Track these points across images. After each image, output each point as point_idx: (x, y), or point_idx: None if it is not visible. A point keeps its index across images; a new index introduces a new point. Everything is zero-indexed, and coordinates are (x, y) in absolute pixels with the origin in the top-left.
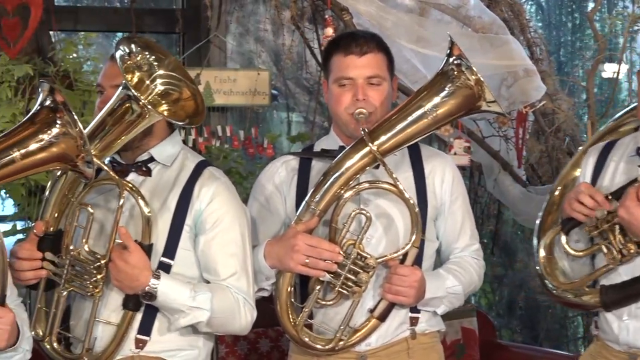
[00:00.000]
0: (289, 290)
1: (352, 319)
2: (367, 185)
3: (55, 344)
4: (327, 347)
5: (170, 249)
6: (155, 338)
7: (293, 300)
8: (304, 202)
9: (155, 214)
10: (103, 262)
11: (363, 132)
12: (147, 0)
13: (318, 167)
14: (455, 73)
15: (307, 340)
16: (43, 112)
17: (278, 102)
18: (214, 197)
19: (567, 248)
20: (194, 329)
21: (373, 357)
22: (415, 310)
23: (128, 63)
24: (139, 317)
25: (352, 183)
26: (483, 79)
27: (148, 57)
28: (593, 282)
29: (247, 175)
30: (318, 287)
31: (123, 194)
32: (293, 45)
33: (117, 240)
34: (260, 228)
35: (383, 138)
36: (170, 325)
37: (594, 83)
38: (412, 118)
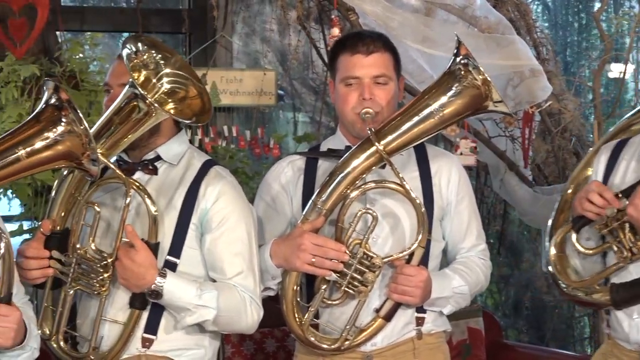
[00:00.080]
0: (295, 290)
1: (358, 319)
2: (373, 185)
3: (62, 343)
4: (333, 346)
5: (176, 248)
6: (162, 337)
7: (299, 300)
8: (310, 201)
9: (162, 213)
10: (110, 260)
11: (369, 131)
12: (153, 1)
13: (324, 166)
14: (463, 73)
15: (313, 340)
16: (48, 110)
17: (284, 102)
18: (220, 195)
19: (577, 246)
20: (201, 328)
21: (379, 357)
22: (422, 310)
23: (135, 62)
24: (145, 316)
25: (358, 183)
26: (490, 79)
27: (154, 55)
28: (604, 280)
29: (253, 175)
30: (324, 286)
31: (130, 193)
32: (299, 46)
33: (123, 239)
34: (267, 228)
35: (389, 138)
36: (177, 324)
37: (600, 83)
38: (418, 118)
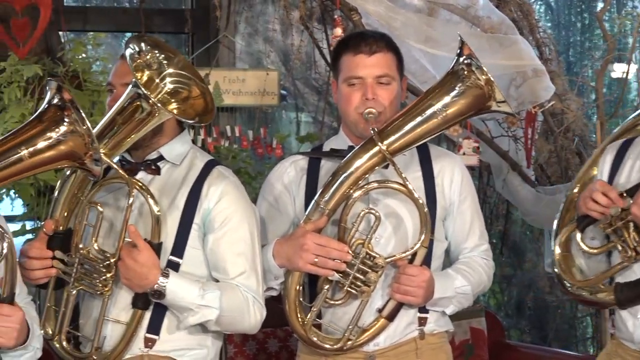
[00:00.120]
0: (298, 290)
1: (360, 319)
2: (376, 185)
3: (65, 343)
4: (335, 346)
5: (179, 248)
6: (164, 337)
7: (302, 300)
8: (313, 201)
9: (164, 213)
10: (112, 260)
11: (372, 131)
12: (156, 1)
13: (327, 166)
14: (466, 73)
15: (315, 340)
16: (51, 110)
17: (287, 102)
18: (223, 195)
19: (582, 245)
20: (203, 328)
21: (381, 357)
22: (424, 311)
23: (138, 61)
24: (148, 316)
25: (361, 183)
26: (493, 79)
27: (157, 55)
28: (609, 279)
29: (255, 175)
30: (327, 286)
31: (132, 193)
32: (302, 46)
33: (126, 239)
34: (269, 227)
35: (392, 138)
36: (180, 324)
37: (603, 83)
38: (421, 118)
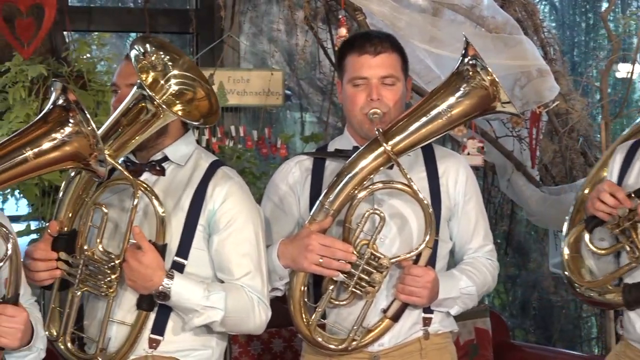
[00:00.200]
0: (303, 290)
1: (365, 319)
2: (381, 186)
3: (69, 344)
4: (340, 347)
5: (184, 249)
6: (169, 338)
7: (306, 300)
8: (318, 202)
9: (169, 214)
10: (117, 262)
11: (377, 132)
12: (160, 1)
13: (332, 167)
14: (471, 73)
15: (320, 340)
16: (56, 111)
17: (291, 102)
18: (228, 196)
19: (590, 246)
20: (208, 329)
21: (386, 357)
22: (429, 311)
23: (143, 63)
24: (153, 317)
25: (366, 183)
26: (498, 80)
27: (162, 57)
28: (618, 280)
29: (260, 175)
30: (331, 287)
31: (137, 194)
32: (306, 46)
33: (131, 240)
34: (274, 228)
35: (397, 138)
36: (184, 325)
37: (608, 83)
38: (426, 118)
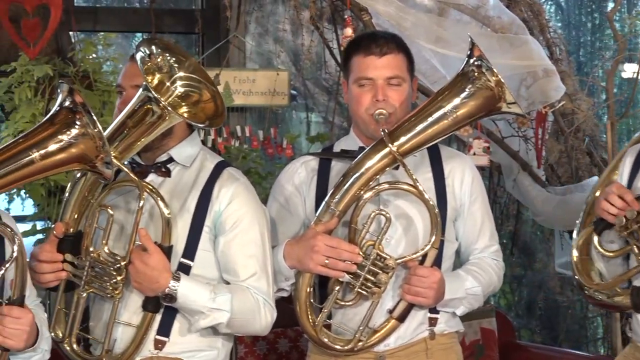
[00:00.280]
0: (308, 291)
1: (371, 320)
2: (386, 186)
3: (75, 345)
4: (346, 347)
5: (190, 250)
6: (175, 339)
7: (312, 301)
8: (324, 202)
9: (175, 215)
10: (123, 263)
11: (383, 132)
12: (166, 1)
13: (338, 167)
14: (476, 74)
15: (326, 341)
16: (62, 112)
17: (297, 102)
18: (234, 198)
19: (599, 249)
20: (214, 330)
21: (392, 357)
22: (434, 311)
23: (148, 65)
24: (159, 318)
25: (371, 184)
26: (503, 80)
27: (168, 58)
28: (628, 283)
29: (266, 176)
30: (337, 287)
31: (143, 196)
32: (312, 46)
33: (136, 242)
34: (280, 228)
35: (403, 139)
36: (190, 327)
37: (614, 83)
38: (432, 119)
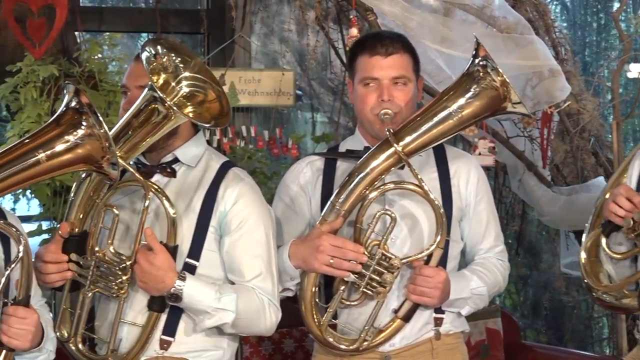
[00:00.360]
0: (314, 291)
1: (376, 320)
2: (392, 186)
3: (80, 345)
4: (351, 347)
5: (196, 250)
6: (180, 339)
7: (317, 301)
8: (329, 202)
9: (181, 215)
10: (128, 263)
11: (388, 132)
12: (172, 1)
13: (343, 167)
14: (481, 74)
15: (331, 341)
16: (68, 113)
17: (302, 102)
18: (239, 198)
19: (607, 251)
20: (219, 330)
21: (397, 357)
22: (440, 311)
23: (154, 65)
24: (164, 318)
25: (377, 184)
26: (509, 80)
27: (174, 59)
28: (636, 285)
29: (271, 176)
30: (342, 287)
31: (148, 195)
32: (317, 46)
33: (142, 242)
34: (285, 228)
35: (408, 139)
36: (196, 326)
37: (619, 83)
38: (437, 119)
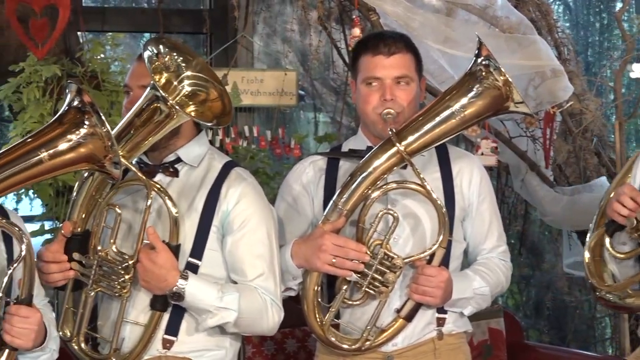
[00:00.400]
0: (316, 290)
1: (378, 319)
2: (394, 186)
3: (83, 344)
4: (353, 347)
5: (198, 250)
6: (183, 338)
7: (320, 300)
8: (331, 202)
9: (183, 215)
10: (131, 262)
11: (390, 132)
12: (174, 1)
13: (346, 167)
14: (484, 74)
15: (333, 340)
16: (71, 112)
17: (305, 102)
18: (241, 198)
19: (610, 250)
20: (222, 330)
21: (399, 357)
22: (442, 311)
23: (156, 64)
24: (167, 317)
25: (379, 183)
26: (511, 80)
27: (176, 58)
28: (639, 285)
29: (274, 176)
30: (345, 287)
31: (151, 194)
32: (320, 46)
33: (144, 241)
34: (288, 228)
35: (410, 138)
36: (198, 326)
37: (622, 83)
38: (439, 118)
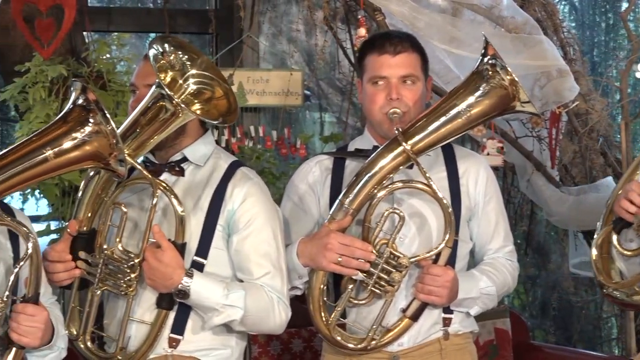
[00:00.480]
0: (322, 289)
1: (384, 319)
2: (400, 185)
3: (89, 343)
4: (359, 346)
5: (204, 249)
6: (189, 337)
7: (326, 300)
8: (337, 201)
9: (189, 214)
10: (137, 261)
11: (397, 131)
12: (180, 1)
13: (352, 166)
14: (490, 73)
15: (339, 339)
16: (76, 110)
17: (311, 102)
18: (247, 197)
19: (618, 247)
20: (227, 328)
21: (405, 357)
22: (448, 311)
23: (161, 62)
24: (173, 316)
25: (385, 182)
26: (517, 79)
27: (181, 56)
28: None
29: (279, 176)
30: (351, 286)
31: (157, 193)
32: (326, 46)
33: (150, 239)
34: (294, 228)
35: (417, 138)
36: (204, 324)
37: (628, 83)
38: (446, 118)
